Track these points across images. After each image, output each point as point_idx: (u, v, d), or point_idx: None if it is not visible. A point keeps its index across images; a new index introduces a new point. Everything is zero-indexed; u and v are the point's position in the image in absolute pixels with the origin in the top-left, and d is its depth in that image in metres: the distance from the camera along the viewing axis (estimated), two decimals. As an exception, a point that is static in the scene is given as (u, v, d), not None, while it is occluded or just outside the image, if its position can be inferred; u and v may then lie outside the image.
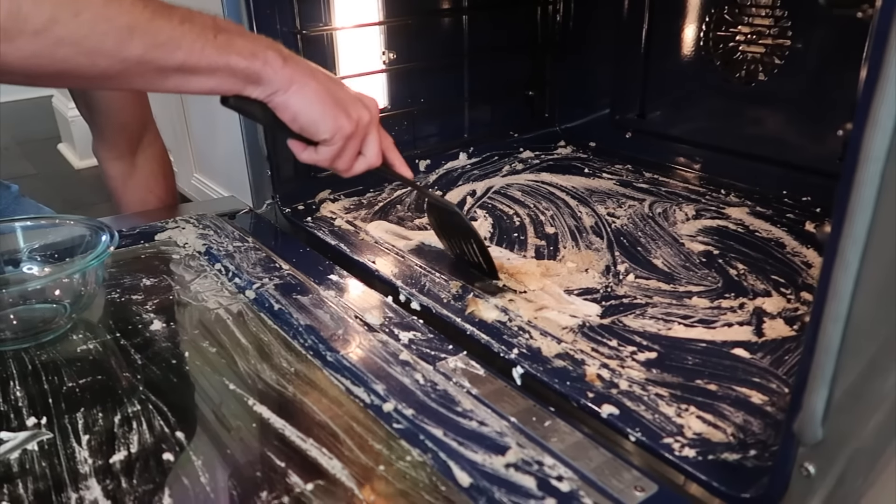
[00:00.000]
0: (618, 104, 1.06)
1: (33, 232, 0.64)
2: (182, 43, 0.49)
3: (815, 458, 0.36)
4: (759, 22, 0.85)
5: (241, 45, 0.52)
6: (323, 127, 0.56)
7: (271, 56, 0.53)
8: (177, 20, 0.49)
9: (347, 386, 0.50)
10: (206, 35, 0.50)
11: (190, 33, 0.49)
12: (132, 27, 0.47)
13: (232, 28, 0.53)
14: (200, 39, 0.50)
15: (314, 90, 0.55)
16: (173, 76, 0.51)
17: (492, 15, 1.03)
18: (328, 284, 0.65)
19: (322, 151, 0.58)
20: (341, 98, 0.57)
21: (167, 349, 0.55)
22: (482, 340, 0.56)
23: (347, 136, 0.57)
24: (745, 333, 0.57)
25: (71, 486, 0.41)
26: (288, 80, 0.54)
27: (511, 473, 0.40)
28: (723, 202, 0.86)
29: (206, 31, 0.50)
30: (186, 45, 0.49)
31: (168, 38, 0.48)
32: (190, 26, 0.50)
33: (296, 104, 0.55)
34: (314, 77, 0.56)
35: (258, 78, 0.53)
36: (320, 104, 0.55)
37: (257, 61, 0.52)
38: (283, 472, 0.41)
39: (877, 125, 0.28)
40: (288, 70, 0.54)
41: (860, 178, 0.29)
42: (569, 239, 0.77)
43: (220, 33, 0.51)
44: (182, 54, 0.49)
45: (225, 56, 0.51)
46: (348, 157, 0.60)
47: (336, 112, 0.56)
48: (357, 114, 0.58)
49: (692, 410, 0.48)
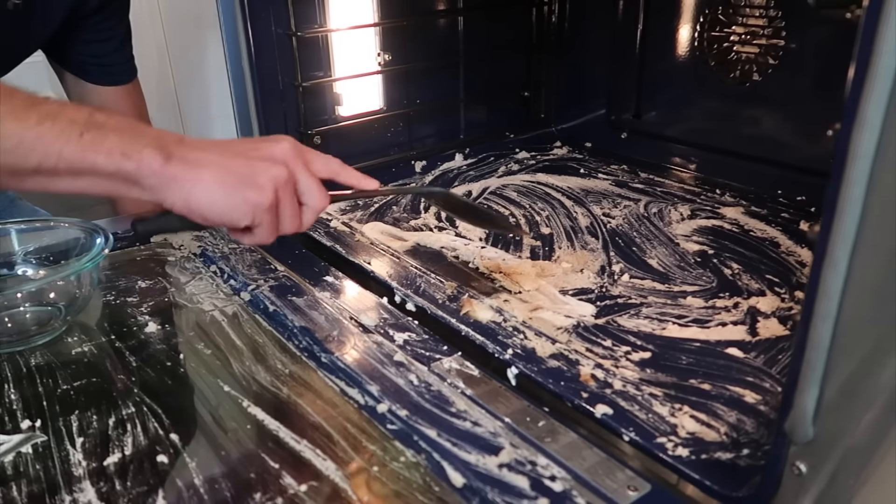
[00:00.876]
0: (613, 105, 1.06)
1: (28, 234, 0.64)
2: (36, 146, 0.45)
3: (807, 456, 0.37)
4: (752, 22, 0.85)
5: (113, 143, 0.46)
6: (237, 215, 0.50)
7: (148, 155, 0.46)
8: (33, 120, 0.45)
9: (342, 387, 0.50)
10: (69, 134, 0.45)
11: (48, 134, 0.45)
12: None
13: (109, 123, 0.47)
14: (60, 140, 0.45)
15: (209, 182, 0.48)
16: (31, 179, 0.47)
17: (487, 16, 1.04)
18: (323, 286, 0.65)
19: (258, 232, 0.52)
20: (243, 174, 0.49)
21: (162, 351, 0.55)
22: (477, 341, 0.56)
23: (268, 207, 0.50)
24: (739, 333, 0.58)
25: (65, 488, 0.41)
26: (174, 181, 0.47)
27: (504, 474, 0.40)
28: (718, 202, 0.86)
29: (72, 128, 0.46)
30: (42, 148, 0.45)
31: (18, 141, 0.44)
32: (51, 125, 0.45)
33: (195, 204, 0.48)
34: (205, 166, 0.48)
35: (135, 180, 0.47)
36: (222, 194, 0.49)
37: (129, 162, 0.46)
38: (276, 474, 0.42)
39: (864, 124, 0.28)
40: (171, 170, 0.47)
41: (848, 177, 0.29)
42: (564, 239, 0.77)
43: (90, 131, 0.46)
44: (36, 157, 0.45)
45: (90, 157, 0.46)
46: (288, 220, 0.52)
47: (244, 193, 0.49)
48: (269, 179, 0.50)
49: (686, 410, 0.48)
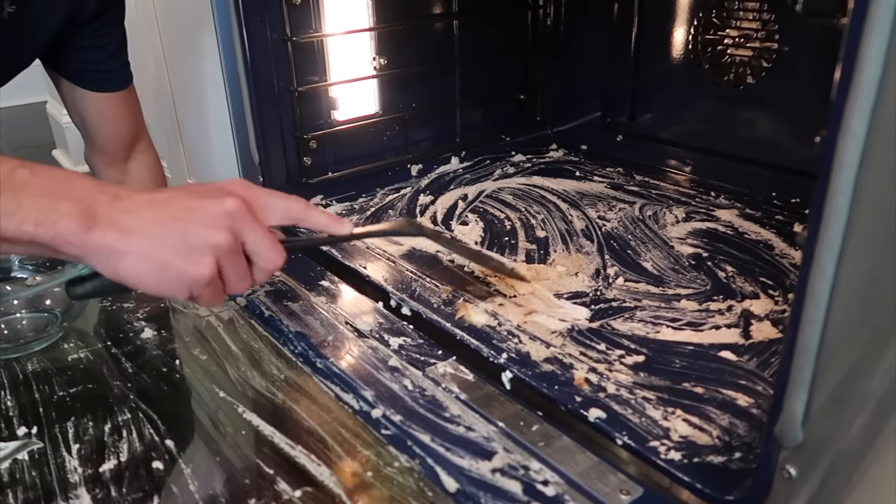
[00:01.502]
0: (608, 107, 1.06)
1: (24, 241, 0.65)
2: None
3: (797, 460, 0.37)
4: (746, 25, 0.85)
5: (29, 211, 0.41)
6: (172, 290, 0.45)
7: (65, 226, 0.42)
8: None
9: (337, 392, 0.50)
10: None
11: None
12: None
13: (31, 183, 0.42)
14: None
15: (138, 255, 0.43)
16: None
17: (482, 19, 1.04)
18: (319, 290, 0.65)
19: (203, 299, 0.46)
20: (178, 245, 0.44)
21: (158, 357, 0.56)
22: (472, 345, 0.57)
23: (207, 282, 0.45)
24: (733, 336, 0.58)
25: (60, 495, 0.41)
26: (97, 250, 0.43)
27: (497, 478, 0.41)
28: (712, 204, 0.86)
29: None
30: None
31: None
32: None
33: (125, 276, 0.44)
34: (135, 236, 0.43)
35: (53, 248, 0.43)
36: (153, 269, 0.44)
37: (45, 232, 0.41)
38: (271, 479, 0.42)
39: (849, 133, 0.29)
40: (94, 239, 0.42)
41: (834, 186, 0.30)
42: (559, 243, 0.77)
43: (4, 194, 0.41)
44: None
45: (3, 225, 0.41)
46: (235, 284, 0.47)
47: (179, 267, 0.44)
48: (210, 247, 0.45)
49: (679, 413, 0.48)
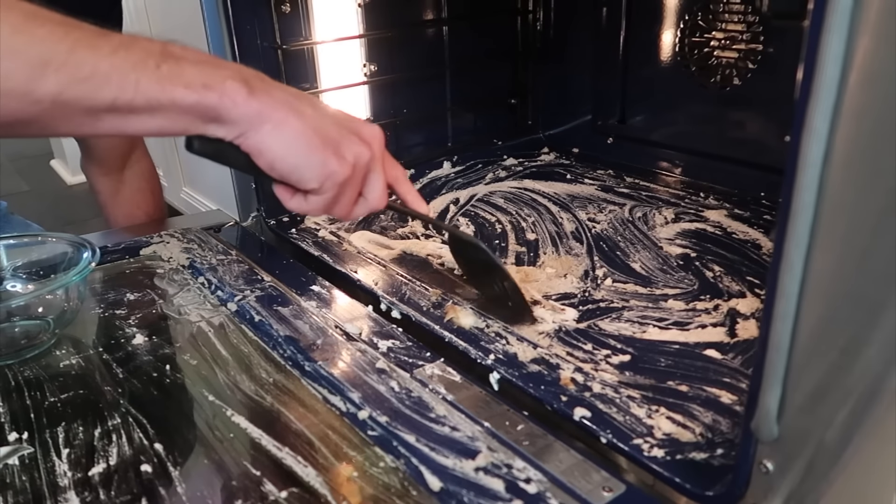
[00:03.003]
0: (599, 110, 1.07)
1: (16, 250, 0.65)
2: (112, 76, 0.40)
3: (774, 455, 0.37)
4: (732, 28, 0.86)
5: (192, 75, 0.42)
6: (308, 174, 0.47)
7: (231, 87, 0.43)
8: (106, 49, 0.40)
9: (324, 395, 0.51)
10: (146, 65, 0.41)
11: (123, 65, 0.40)
12: (46, 60, 0.38)
13: (186, 55, 0.43)
14: (136, 71, 0.41)
15: (294, 129, 0.45)
16: (106, 117, 0.42)
17: (472, 25, 1.05)
18: (310, 295, 0.66)
19: (312, 201, 0.49)
20: (331, 136, 0.47)
21: (148, 363, 0.56)
22: (460, 347, 0.57)
23: (341, 182, 0.48)
24: (719, 334, 0.58)
25: (50, 498, 0.42)
26: (257, 117, 0.44)
27: (480, 477, 0.41)
28: (702, 205, 0.87)
29: (147, 60, 0.41)
30: (117, 79, 0.40)
31: (92, 71, 0.39)
32: (125, 55, 0.41)
33: (271, 147, 0.45)
34: (294, 111, 0.45)
35: (215, 114, 0.44)
36: (304, 147, 0.46)
37: (211, 94, 0.43)
38: (258, 481, 0.42)
39: (812, 132, 0.29)
40: (255, 104, 0.44)
41: (800, 184, 0.30)
42: (549, 245, 0.78)
43: (166, 62, 0.42)
44: (112, 90, 0.40)
45: (168, 90, 0.42)
46: (345, 204, 0.50)
47: (325, 155, 0.46)
48: (353, 154, 0.48)
49: (662, 411, 0.48)
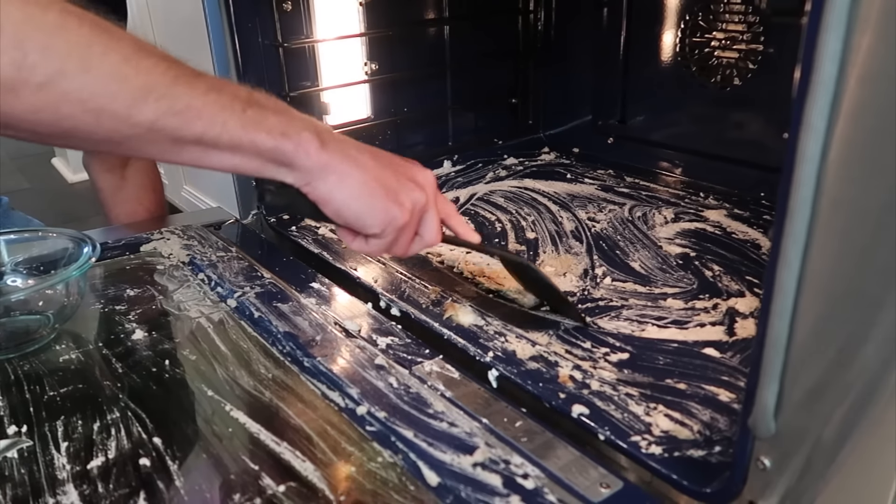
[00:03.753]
0: (599, 110, 1.07)
1: (17, 245, 0.65)
2: (203, 113, 0.44)
3: (771, 451, 0.38)
4: (732, 28, 0.86)
5: (273, 122, 0.46)
6: (371, 221, 0.50)
7: (306, 138, 0.47)
8: (202, 88, 0.44)
9: (323, 390, 0.51)
10: (234, 107, 0.45)
11: (215, 104, 0.44)
12: (148, 89, 0.42)
13: (268, 104, 0.47)
14: (225, 112, 0.44)
15: (359, 181, 0.49)
16: (190, 148, 0.45)
17: (473, 24, 1.05)
18: (309, 292, 0.66)
19: (373, 243, 0.53)
20: (391, 185, 0.51)
21: (148, 358, 0.56)
22: (459, 344, 0.57)
23: (401, 227, 0.52)
24: (717, 333, 0.59)
25: (49, 491, 0.42)
26: (325, 168, 0.48)
27: (478, 472, 0.41)
28: (701, 205, 0.87)
29: (235, 103, 0.45)
30: (208, 116, 0.44)
31: (187, 105, 0.43)
32: (216, 96, 0.44)
33: (338, 197, 0.49)
34: (358, 165, 0.49)
35: (289, 161, 0.47)
36: (367, 197, 0.49)
37: (288, 142, 0.46)
38: (256, 475, 0.42)
39: (810, 128, 0.29)
40: (325, 156, 0.48)
41: (797, 180, 0.30)
42: (549, 244, 0.78)
43: (251, 107, 0.46)
44: (201, 125, 0.44)
45: (251, 133, 0.45)
46: (403, 244, 0.54)
47: (386, 203, 0.50)
48: (411, 200, 0.52)
49: (660, 409, 0.49)
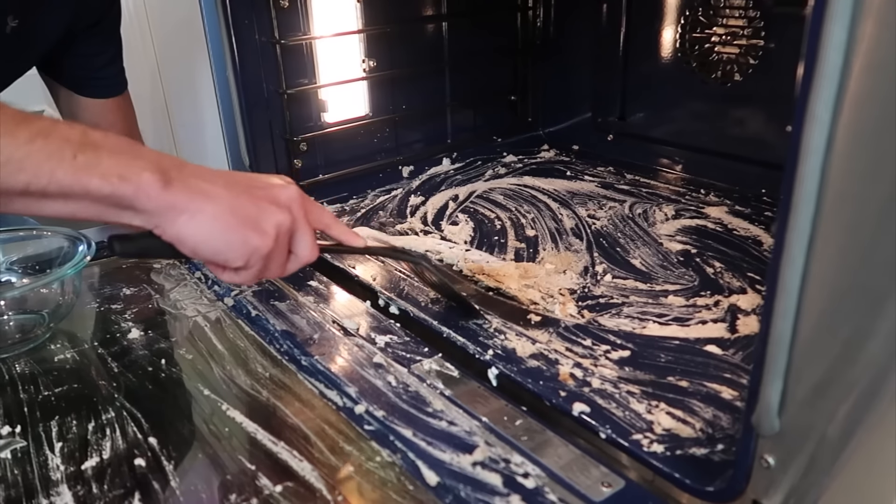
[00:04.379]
0: (599, 107, 1.06)
1: (12, 244, 0.65)
2: (26, 165, 0.42)
3: (775, 449, 0.37)
4: (732, 23, 0.86)
5: (108, 166, 0.44)
6: (232, 255, 0.48)
7: (146, 179, 0.44)
8: (24, 137, 0.42)
9: (321, 389, 0.50)
10: (63, 154, 0.43)
11: (40, 153, 0.42)
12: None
13: (105, 143, 0.45)
14: (52, 160, 0.43)
15: (210, 216, 0.47)
16: (17, 200, 0.44)
17: (472, 21, 1.04)
18: (307, 290, 0.65)
19: (243, 275, 0.51)
20: (249, 214, 0.48)
21: (144, 357, 0.56)
22: (458, 343, 0.57)
23: (266, 255, 0.49)
24: (719, 330, 0.58)
25: (42, 492, 0.41)
26: (171, 209, 0.46)
27: (478, 471, 0.41)
28: (702, 202, 0.86)
29: (65, 148, 0.43)
30: (32, 167, 0.42)
31: (6, 159, 0.42)
32: (43, 143, 0.43)
33: (191, 236, 0.47)
34: (209, 198, 0.47)
35: (130, 205, 0.45)
36: (223, 232, 0.47)
37: (127, 185, 0.44)
38: (252, 475, 0.42)
39: (814, 120, 0.29)
40: (170, 196, 0.45)
41: (801, 174, 0.30)
42: (549, 241, 0.78)
43: (84, 152, 0.43)
44: (25, 177, 0.42)
45: (84, 180, 0.43)
46: (275, 268, 0.51)
47: (245, 234, 0.48)
48: (274, 224, 0.49)
49: (662, 407, 0.48)
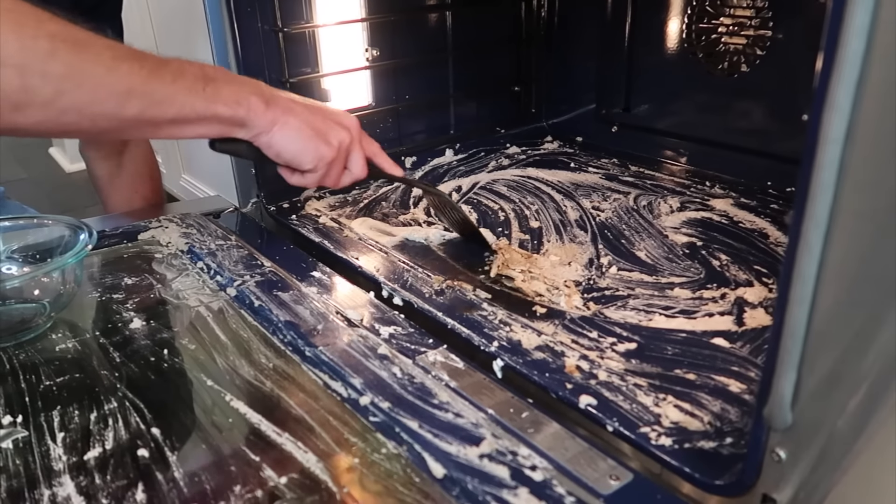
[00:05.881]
0: (603, 98, 1.06)
1: (13, 233, 0.64)
2: (175, 100, 0.53)
3: (787, 443, 0.37)
4: (740, 13, 0.85)
5: (227, 94, 0.57)
6: (305, 159, 0.62)
7: (254, 102, 0.58)
8: (169, 78, 0.53)
9: (325, 380, 0.50)
10: (196, 88, 0.54)
11: (182, 90, 0.54)
12: (130, 91, 0.51)
13: (219, 76, 0.57)
14: (191, 94, 0.54)
15: (294, 127, 0.60)
16: (166, 127, 0.55)
17: (475, 11, 1.03)
18: (310, 281, 0.65)
19: (308, 177, 0.65)
20: (320, 128, 0.62)
21: (146, 347, 0.55)
22: (463, 334, 0.56)
23: (329, 162, 0.63)
24: (726, 323, 0.57)
25: (44, 483, 0.41)
26: (270, 122, 0.59)
27: (485, 464, 0.40)
28: (707, 194, 0.86)
29: (196, 84, 0.55)
30: (179, 102, 0.53)
31: (163, 97, 0.52)
32: (182, 82, 0.54)
33: (278, 143, 0.60)
34: (293, 114, 0.60)
35: (243, 122, 0.58)
36: (301, 140, 0.61)
37: (241, 108, 0.57)
38: (257, 466, 0.41)
39: (834, 107, 0.28)
40: (270, 113, 0.59)
41: (820, 162, 0.29)
42: (553, 233, 0.77)
43: (209, 84, 0.55)
44: (174, 110, 0.54)
45: (213, 107, 0.56)
46: (334, 176, 0.65)
47: (316, 143, 0.61)
48: (337, 139, 0.63)
49: (670, 400, 0.48)
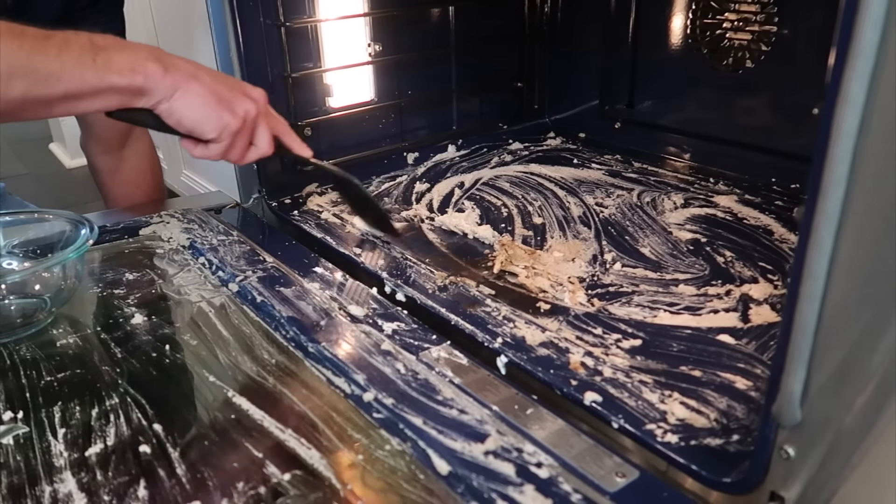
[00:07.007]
0: (607, 95, 1.05)
1: (14, 228, 0.64)
2: (63, 75, 0.50)
3: (795, 440, 0.36)
4: (745, 9, 0.84)
5: (121, 61, 0.53)
6: (208, 127, 0.58)
7: (151, 68, 0.54)
8: (54, 53, 0.49)
9: (328, 376, 0.49)
10: (85, 60, 0.51)
11: (69, 63, 0.50)
12: (11, 71, 0.47)
13: (110, 44, 0.53)
14: (80, 67, 0.50)
15: (196, 93, 0.56)
16: (60, 105, 0.52)
17: (478, 6, 1.03)
18: (313, 277, 0.64)
19: (212, 148, 0.60)
20: (225, 97, 0.58)
21: (147, 342, 0.55)
22: (466, 330, 0.56)
23: (234, 132, 0.59)
24: (731, 320, 0.57)
25: (45, 479, 0.40)
26: (171, 88, 0.55)
27: (490, 461, 0.40)
28: (711, 190, 0.85)
29: (84, 55, 0.51)
30: (67, 76, 0.50)
31: (48, 73, 0.49)
32: (68, 55, 0.50)
33: (180, 109, 0.56)
34: (196, 79, 0.56)
35: (142, 90, 0.54)
36: (204, 106, 0.57)
37: (138, 76, 0.53)
38: (260, 463, 0.41)
39: (847, 101, 0.28)
40: (169, 78, 0.55)
41: (832, 156, 0.29)
42: (556, 229, 0.77)
43: (99, 54, 0.51)
44: (64, 85, 0.50)
45: (106, 77, 0.52)
46: (238, 150, 0.61)
47: (220, 111, 0.57)
48: (243, 109, 0.59)
49: (676, 396, 0.47)
